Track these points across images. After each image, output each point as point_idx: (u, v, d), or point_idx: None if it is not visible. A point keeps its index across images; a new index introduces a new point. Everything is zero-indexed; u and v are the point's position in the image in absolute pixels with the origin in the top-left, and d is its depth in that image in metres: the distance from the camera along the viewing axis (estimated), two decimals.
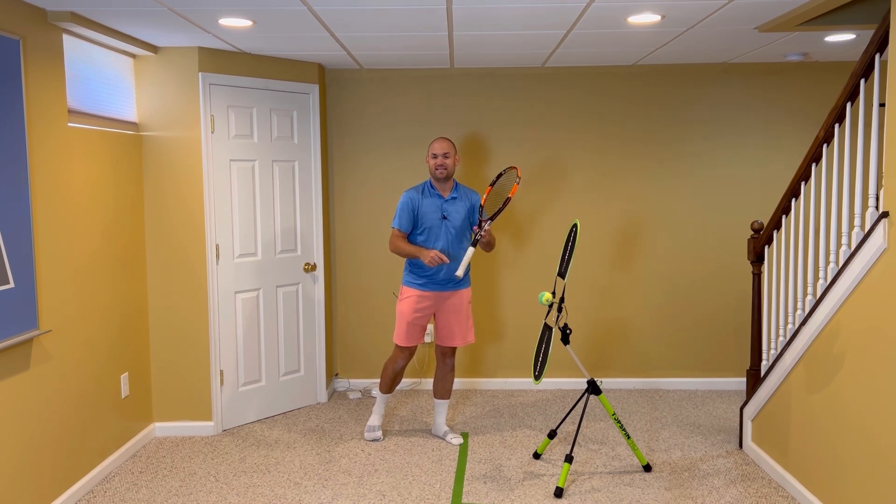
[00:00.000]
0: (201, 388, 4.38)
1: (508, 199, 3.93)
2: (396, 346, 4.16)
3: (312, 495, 3.56)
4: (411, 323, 4.08)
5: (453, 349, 4.24)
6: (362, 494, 3.56)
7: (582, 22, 3.59)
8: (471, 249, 3.83)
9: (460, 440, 4.25)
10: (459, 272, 3.78)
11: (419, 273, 4.06)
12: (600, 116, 5.10)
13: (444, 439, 4.30)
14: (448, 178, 4.03)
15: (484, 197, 4.02)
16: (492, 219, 3.93)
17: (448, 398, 4.33)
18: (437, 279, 4.04)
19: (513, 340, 5.27)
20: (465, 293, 4.15)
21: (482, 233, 3.85)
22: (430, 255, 3.84)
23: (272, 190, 4.61)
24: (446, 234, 4.03)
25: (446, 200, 4.04)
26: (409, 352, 4.18)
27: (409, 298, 4.07)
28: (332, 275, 5.22)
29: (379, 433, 4.30)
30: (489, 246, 4.05)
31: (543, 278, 5.22)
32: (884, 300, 2.78)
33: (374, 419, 4.33)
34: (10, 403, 3.02)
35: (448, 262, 3.93)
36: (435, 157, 3.98)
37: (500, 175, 4.05)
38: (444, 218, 4.02)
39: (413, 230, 4.06)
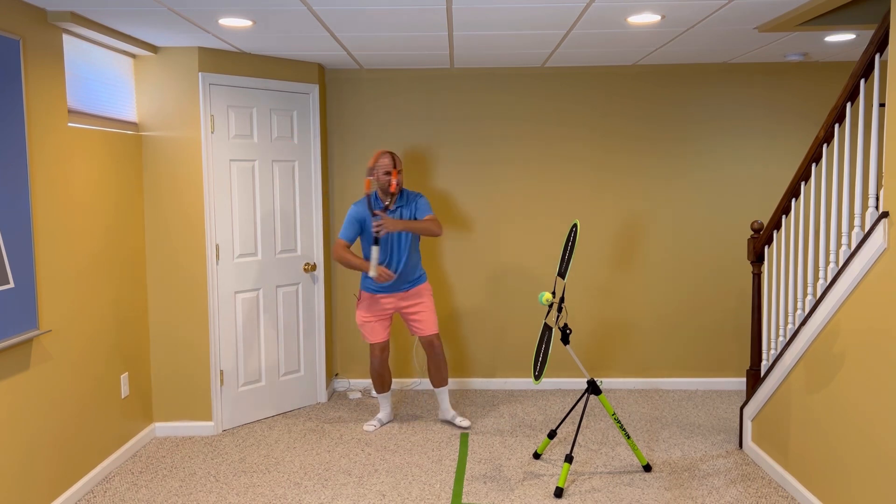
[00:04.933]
0: (201, 388, 4.38)
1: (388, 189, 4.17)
2: (370, 344, 4.39)
3: (312, 495, 3.56)
4: (369, 322, 4.32)
5: (434, 337, 4.39)
6: (362, 494, 3.56)
7: (582, 22, 3.59)
8: (374, 248, 4.08)
9: (468, 423, 4.46)
10: (371, 272, 4.05)
11: (371, 282, 4.29)
12: (600, 116, 5.10)
13: (453, 423, 4.52)
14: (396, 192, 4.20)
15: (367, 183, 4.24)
16: (385, 209, 4.18)
17: (446, 384, 4.52)
18: (384, 285, 4.25)
19: (513, 340, 5.27)
20: (424, 287, 4.37)
21: (378, 228, 4.02)
22: (379, 272, 4.05)
23: (272, 190, 4.61)
24: (391, 244, 4.23)
25: (391, 211, 4.23)
26: (380, 347, 4.39)
27: (365, 301, 4.32)
28: (332, 275, 5.22)
29: (375, 423, 4.47)
30: (424, 231, 4.12)
31: (543, 278, 5.22)
32: (884, 300, 2.78)
33: (382, 415, 4.55)
34: (10, 403, 3.02)
35: (393, 277, 4.13)
36: (388, 173, 4.13)
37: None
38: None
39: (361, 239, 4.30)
